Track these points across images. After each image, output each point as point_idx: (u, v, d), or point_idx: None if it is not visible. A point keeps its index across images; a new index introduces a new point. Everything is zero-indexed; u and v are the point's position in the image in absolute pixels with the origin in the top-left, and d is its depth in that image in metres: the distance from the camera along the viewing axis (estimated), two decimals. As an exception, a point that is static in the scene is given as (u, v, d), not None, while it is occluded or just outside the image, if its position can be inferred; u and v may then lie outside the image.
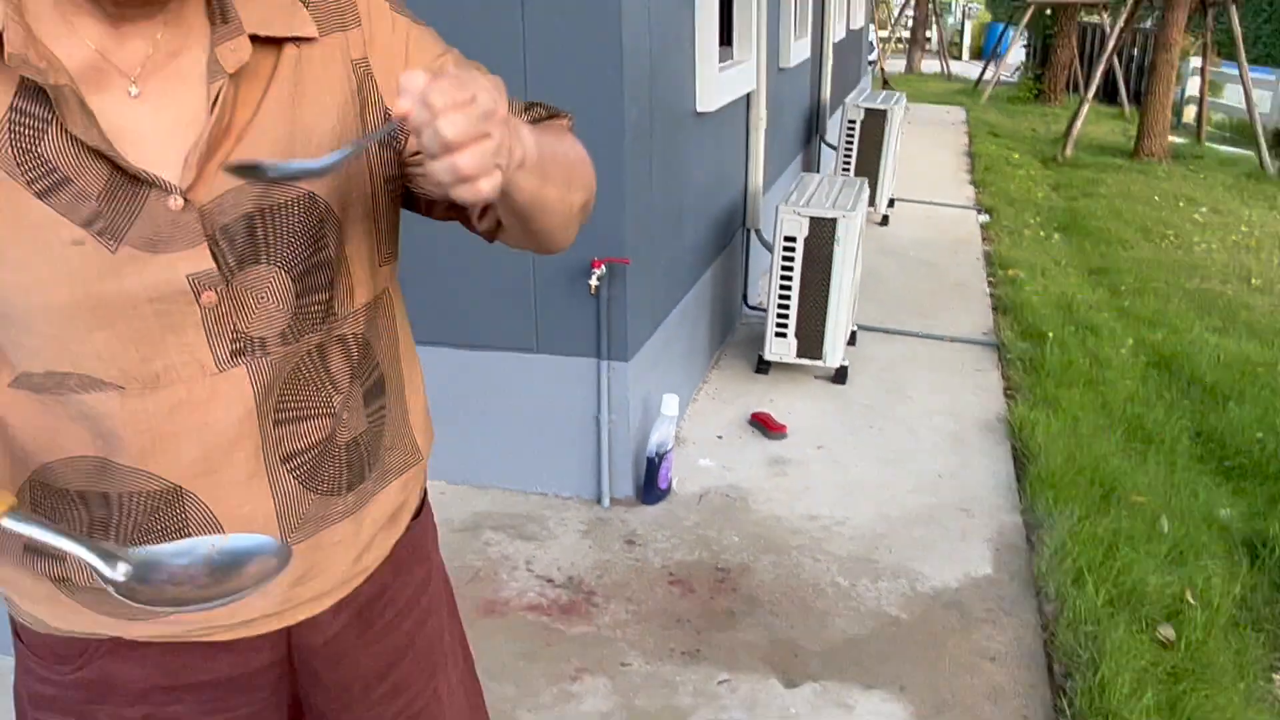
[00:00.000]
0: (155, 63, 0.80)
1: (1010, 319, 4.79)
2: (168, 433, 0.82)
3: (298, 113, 0.85)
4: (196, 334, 0.81)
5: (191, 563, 0.75)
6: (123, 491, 0.84)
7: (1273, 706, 2.32)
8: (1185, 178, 9.22)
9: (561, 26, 2.72)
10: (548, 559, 2.78)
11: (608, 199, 2.87)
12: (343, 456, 0.92)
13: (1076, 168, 9.38)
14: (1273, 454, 3.54)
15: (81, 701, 0.91)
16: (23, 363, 0.81)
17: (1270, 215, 7.93)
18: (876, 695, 2.28)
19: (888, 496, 3.16)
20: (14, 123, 0.75)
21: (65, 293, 0.76)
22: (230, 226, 0.80)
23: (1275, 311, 5.34)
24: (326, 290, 0.88)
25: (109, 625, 0.88)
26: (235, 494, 0.86)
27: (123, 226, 0.77)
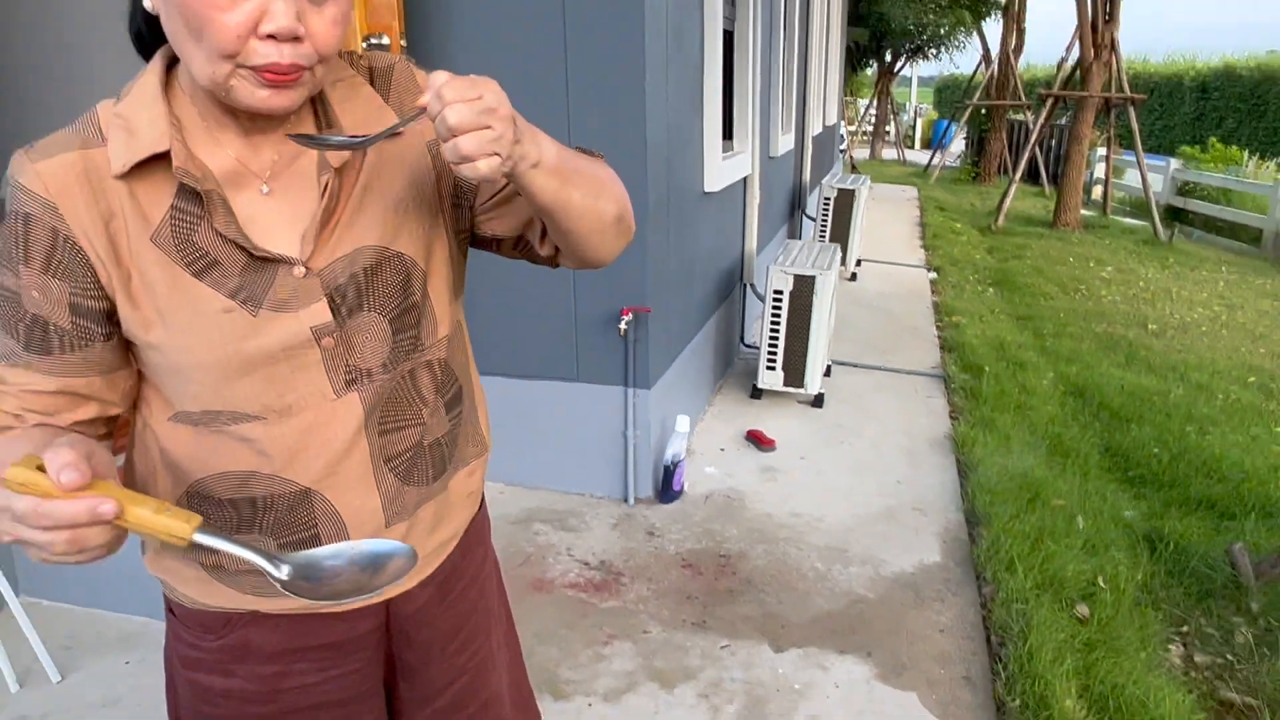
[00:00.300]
0: (280, 166, 0.82)
1: (954, 356, 4.79)
2: (300, 448, 0.84)
3: (387, 189, 0.86)
4: (318, 371, 0.83)
5: (341, 563, 0.76)
6: (266, 495, 0.85)
7: (1169, 672, 2.29)
8: (1094, 244, 9.23)
9: (598, 124, 2.75)
10: (584, 546, 2.78)
11: (633, 261, 2.89)
12: (430, 455, 0.93)
13: (1007, 235, 9.40)
14: (1167, 466, 3.53)
15: (225, 662, 0.91)
16: (182, 404, 0.82)
17: (1162, 274, 7.92)
18: (848, 659, 2.27)
19: (856, 498, 3.16)
20: (175, 219, 0.77)
21: (219, 351, 0.78)
22: (342, 285, 0.82)
23: (1167, 351, 5.33)
24: (415, 327, 0.89)
25: (250, 602, 0.89)
26: (351, 491, 0.87)
27: (260, 295, 0.79)
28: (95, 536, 0.64)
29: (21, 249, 0.75)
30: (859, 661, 2.25)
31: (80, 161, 0.75)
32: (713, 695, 2.11)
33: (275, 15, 0.68)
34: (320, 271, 0.81)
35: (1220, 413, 4.19)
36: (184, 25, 0.70)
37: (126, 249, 0.77)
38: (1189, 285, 7.50)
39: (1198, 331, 5.92)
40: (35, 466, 0.63)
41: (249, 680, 0.91)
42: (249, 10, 0.68)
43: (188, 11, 0.68)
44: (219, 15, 0.67)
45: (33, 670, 2.15)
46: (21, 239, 0.74)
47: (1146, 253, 8.94)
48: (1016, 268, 7.60)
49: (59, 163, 0.75)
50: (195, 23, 0.68)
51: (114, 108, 0.77)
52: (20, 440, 0.76)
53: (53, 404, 0.79)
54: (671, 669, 2.20)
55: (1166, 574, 2.76)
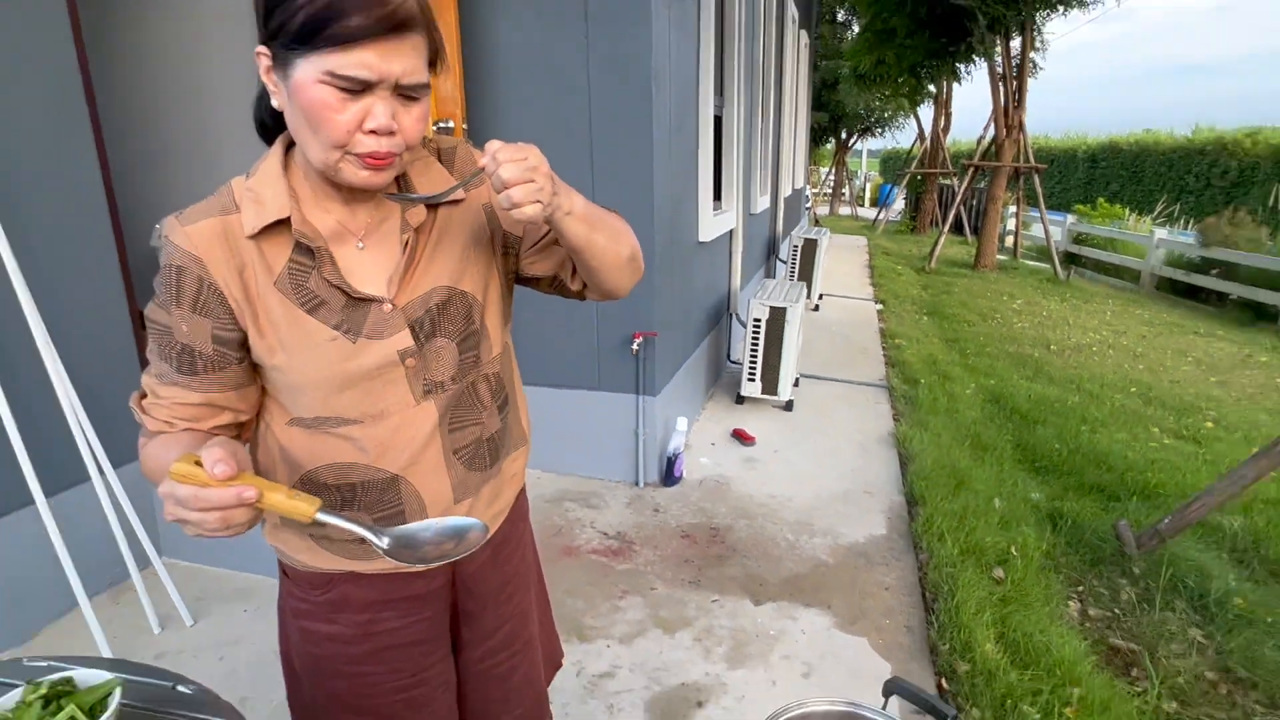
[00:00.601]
0: (371, 226, 0.84)
1: (896, 370, 4.77)
2: (389, 444, 0.85)
3: (454, 242, 0.88)
4: (403, 384, 0.84)
5: (431, 535, 0.77)
6: (363, 481, 0.86)
7: (1068, 623, 2.27)
8: (1007, 282, 9.20)
9: (617, 191, 2.78)
10: (604, 521, 2.78)
11: (643, 296, 2.91)
12: (487, 446, 0.94)
13: (938, 275, 9.37)
14: (1065, 458, 3.51)
15: (328, 611, 0.92)
16: (298, 412, 0.84)
17: (1061, 306, 7.89)
18: (813, 610, 2.26)
19: (819, 483, 3.15)
20: (292, 269, 0.80)
21: (326, 371, 0.80)
22: (420, 318, 0.84)
23: (1065, 367, 5.31)
24: (476, 349, 0.90)
25: (348, 565, 0.90)
26: (429, 477, 0.88)
27: (358, 326, 0.81)
28: (239, 516, 0.66)
29: (174, 293, 0.77)
30: (821, 613, 2.24)
31: (220, 225, 0.78)
32: (705, 639, 2.11)
33: (376, 115, 0.71)
34: (403, 307, 0.83)
35: (1108, 416, 4.18)
36: (305, 121, 0.72)
37: (255, 292, 0.79)
38: (1082, 315, 7.49)
39: (1090, 351, 5.90)
40: (193, 462, 0.66)
41: (347, 626, 0.92)
42: (356, 111, 0.70)
43: (309, 112, 0.71)
44: (334, 115, 0.70)
45: (171, 616, 2.16)
46: (174, 285, 0.77)
47: (1049, 289, 8.93)
48: (946, 300, 7.59)
49: (204, 226, 0.77)
50: (314, 120, 0.71)
51: (245, 183, 0.80)
52: (172, 442, 0.79)
53: (197, 413, 0.81)
54: (673, 618, 2.20)
55: (1066, 545, 2.75)
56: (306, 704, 0.96)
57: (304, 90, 0.69)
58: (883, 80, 11.75)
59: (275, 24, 0.69)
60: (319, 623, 0.92)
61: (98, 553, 2.20)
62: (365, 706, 0.93)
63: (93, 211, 2.24)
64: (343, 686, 0.93)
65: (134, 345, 2.38)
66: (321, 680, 0.94)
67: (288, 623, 0.96)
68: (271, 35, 0.70)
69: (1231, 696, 1.99)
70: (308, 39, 0.67)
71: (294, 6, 0.67)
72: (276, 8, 0.69)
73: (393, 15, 0.68)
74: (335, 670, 0.93)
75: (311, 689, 0.95)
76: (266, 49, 0.72)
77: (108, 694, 0.82)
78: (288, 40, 0.69)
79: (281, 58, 0.71)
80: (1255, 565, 2.65)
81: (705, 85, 3.47)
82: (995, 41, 9.08)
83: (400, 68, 0.70)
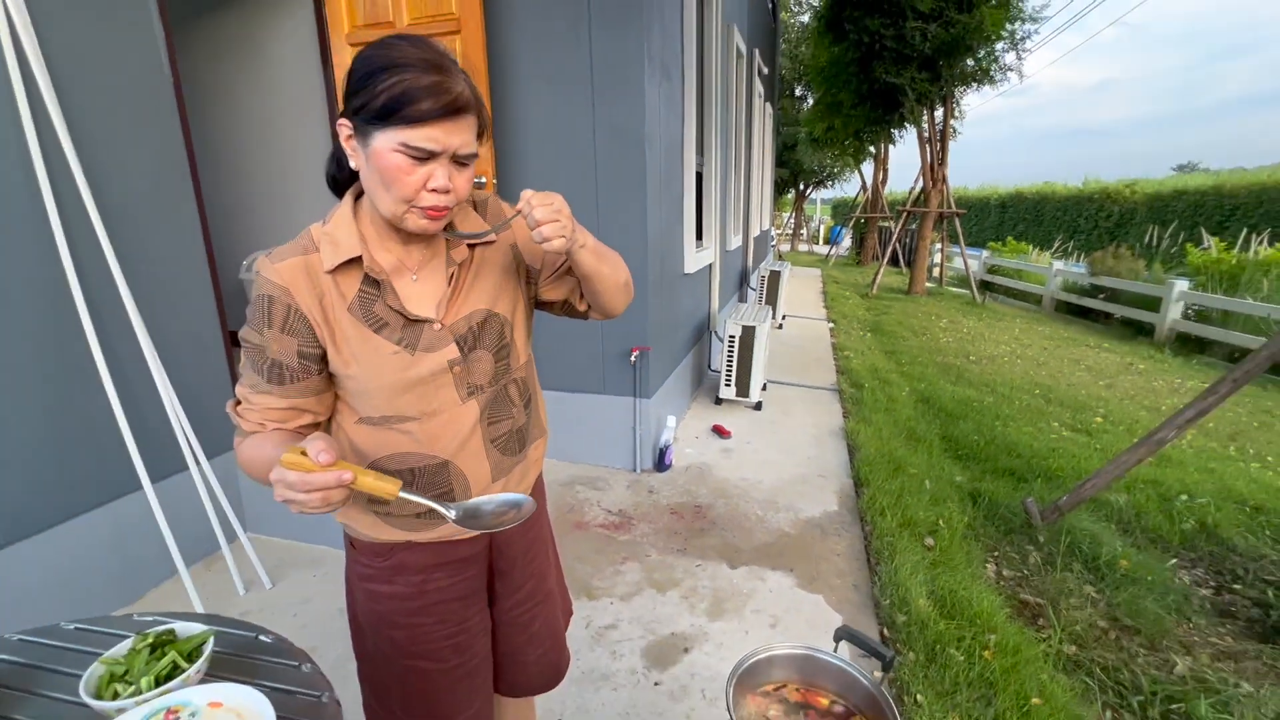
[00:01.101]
0: (423, 261, 0.86)
1: (845, 377, 4.77)
2: (441, 435, 0.86)
3: (489, 274, 0.90)
4: (451, 388, 0.85)
5: (493, 507, 0.78)
6: (420, 465, 0.86)
7: (986, 582, 2.27)
8: (935, 305, 9.20)
9: (617, 234, 2.78)
10: (608, 500, 2.76)
11: (639, 316, 2.92)
12: (517, 436, 0.95)
13: (878, 300, 9.38)
14: (983, 448, 3.51)
15: (389, 574, 0.92)
16: (366, 412, 0.85)
17: (979, 324, 7.89)
18: (779, 573, 2.25)
19: (783, 468, 3.14)
20: (362, 297, 0.81)
21: (391, 378, 0.81)
22: (463, 334, 0.85)
23: (982, 373, 5.30)
24: (507, 358, 0.91)
25: (406, 535, 0.90)
26: (472, 461, 0.89)
27: (415, 342, 0.82)
28: (337, 495, 0.68)
29: (266, 318, 0.78)
30: (785, 575, 2.24)
31: (303, 263, 0.79)
32: (691, 597, 2.10)
33: (437, 178, 0.74)
34: (450, 326, 0.84)
35: (1017, 413, 4.17)
36: (380, 181, 0.74)
37: (333, 316, 0.80)
38: (996, 331, 7.49)
39: (1001, 361, 5.91)
40: (299, 453, 0.67)
41: (404, 586, 0.92)
42: (422, 174, 0.73)
43: (384, 173, 0.74)
44: (405, 177, 0.73)
45: (254, 581, 2.15)
46: (266, 312, 0.78)
47: (968, 310, 8.94)
48: (885, 320, 7.60)
49: (291, 263, 0.79)
50: (388, 180, 0.73)
51: (323, 229, 0.81)
52: (265, 439, 0.79)
53: (284, 416, 0.82)
54: (664, 580, 2.19)
55: (984, 518, 2.74)
56: (370, 653, 0.96)
57: (381, 156, 0.72)
58: (832, 143, 11.82)
59: (358, 103, 0.72)
60: (381, 584, 0.92)
61: (194, 529, 2.19)
62: (419, 651, 0.93)
63: (192, 250, 2.25)
64: (401, 635, 0.93)
65: (225, 358, 2.38)
66: (383, 630, 0.93)
67: (354, 585, 0.96)
68: (354, 111, 0.73)
69: (1119, 641, 1.98)
70: (386, 117, 0.70)
71: (376, 90, 0.70)
72: (361, 90, 0.72)
73: (454, 102, 0.71)
74: (394, 622, 0.93)
75: (375, 639, 0.95)
76: (349, 121, 0.74)
77: (203, 642, 0.82)
78: (369, 117, 0.71)
79: (362, 130, 0.73)
80: (1136, 533, 2.66)
81: (688, 147, 3.50)
82: (922, 112, 9.16)
83: (458, 141, 0.73)
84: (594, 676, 1.74)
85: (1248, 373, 2.21)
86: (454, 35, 2.69)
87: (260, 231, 3.58)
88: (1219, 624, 2.08)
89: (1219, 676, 1.80)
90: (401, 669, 0.93)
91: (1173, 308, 7.32)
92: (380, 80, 0.70)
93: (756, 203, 7.71)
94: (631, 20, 2.59)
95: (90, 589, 1.92)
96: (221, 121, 3.50)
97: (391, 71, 0.70)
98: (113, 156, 1.97)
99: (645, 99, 2.64)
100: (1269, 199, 12.57)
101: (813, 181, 20.38)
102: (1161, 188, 14.97)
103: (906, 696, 1.66)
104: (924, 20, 8.02)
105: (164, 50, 2.11)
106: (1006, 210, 19.88)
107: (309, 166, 3.38)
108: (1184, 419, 2.31)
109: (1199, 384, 5.41)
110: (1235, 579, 2.34)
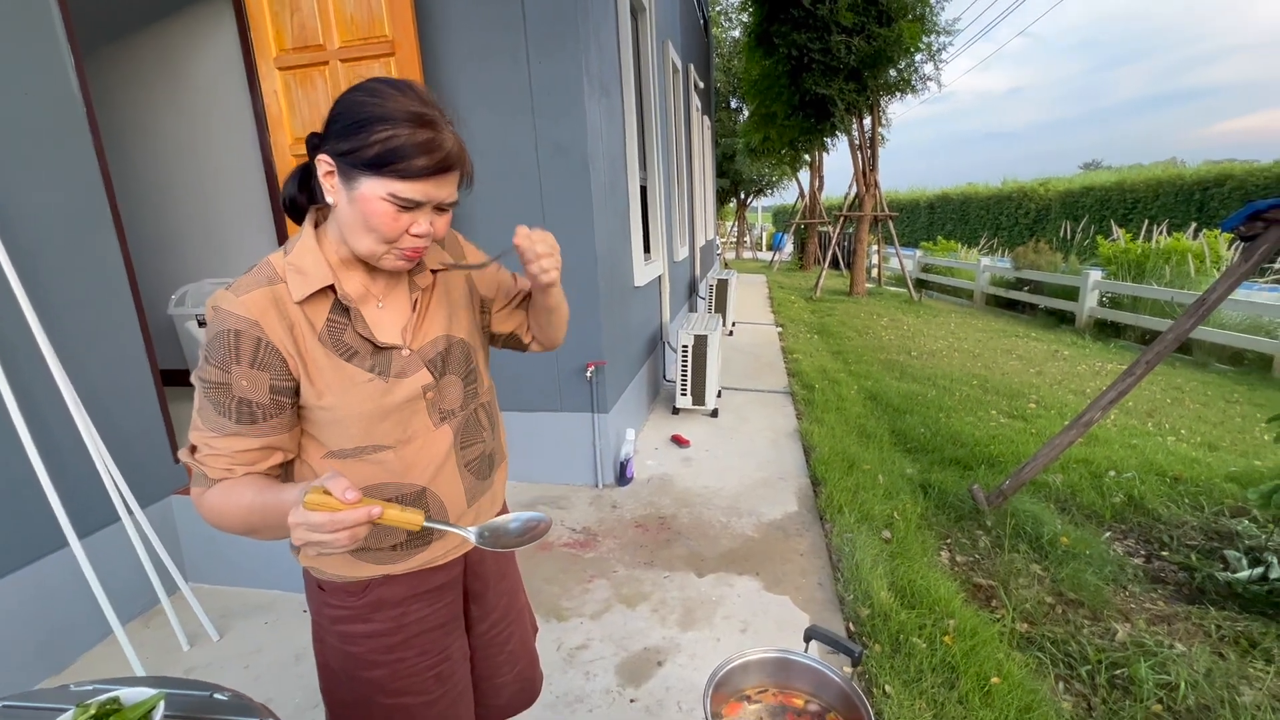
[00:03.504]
0: (389, 289, 0.86)
1: (796, 379, 4.87)
2: (416, 461, 0.85)
3: (447, 300, 0.91)
4: (424, 413, 0.85)
5: (515, 526, 0.78)
6: (396, 495, 0.85)
7: (941, 569, 2.34)
8: (875, 304, 9.52)
9: (564, 247, 2.78)
10: (572, 518, 2.74)
11: (593, 331, 2.92)
12: (487, 460, 0.95)
13: (822, 302, 9.64)
14: (929, 439, 3.62)
15: (366, 613, 0.89)
16: (339, 444, 0.82)
17: (917, 320, 8.19)
18: (745, 577, 2.27)
19: (742, 473, 3.17)
20: (330, 325, 0.80)
21: (367, 406, 0.80)
22: (433, 359, 0.86)
23: (923, 368, 5.48)
24: (475, 383, 0.93)
25: (381, 569, 0.88)
26: (448, 487, 0.88)
27: (387, 368, 0.82)
28: (362, 532, 0.66)
29: (233, 353, 0.74)
30: (752, 579, 2.25)
31: (270, 294, 0.76)
32: (660, 609, 2.10)
33: (420, 224, 0.76)
34: (417, 350, 0.84)
35: (958, 404, 4.33)
36: (362, 223, 0.75)
37: (304, 346, 0.78)
38: (933, 327, 7.77)
39: (940, 355, 6.12)
40: (321, 492, 0.65)
41: (383, 622, 0.89)
42: (406, 220, 0.75)
43: (369, 217, 0.74)
44: (390, 222, 0.75)
45: (199, 634, 2.02)
46: (233, 347, 0.74)
47: (906, 308, 9.27)
48: (830, 321, 7.80)
49: (256, 295, 0.76)
50: (372, 224, 0.75)
51: (285, 259, 0.79)
52: (234, 487, 0.75)
53: (255, 457, 0.78)
54: (633, 594, 2.18)
55: (935, 507, 2.83)
56: (348, 699, 0.92)
57: (367, 202, 0.73)
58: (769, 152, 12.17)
59: (347, 146, 0.72)
60: (356, 624, 0.89)
61: (129, 583, 2.04)
62: (402, 687, 0.91)
63: (114, 286, 2.11)
64: (383, 674, 0.90)
65: (155, 399, 2.24)
66: (361, 673, 0.90)
67: (325, 631, 0.92)
68: (341, 153, 0.73)
69: (1065, 615, 2.09)
70: (377, 167, 0.71)
71: (368, 141, 0.71)
72: (350, 136, 0.72)
73: (445, 160, 0.73)
74: (374, 662, 0.90)
75: (351, 685, 0.91)
76: (331, 160, 0.74)
77: (152, 708, 0.77)
78: (358, 163, 0.72)
79: (347, 172, 0.73)
80: (1073, 511, 2.80)
81: (631, 162, 3.54)
82: (852, 120, 9.55)
83: (444, 194, 0.76)
84: (568, 700, 1.71)
85: (1159, 354, 2.38)
86: (388, 58, 2.65)
87: (189, 263, 3.40)
88: (1151, 590, 2.23)
89: (1155, 640, 1.92)
90: (385, 710, 0.90)
91: (1089, 296, 7.83)
92: (373, 131, 0.70)
93: (700, 213, 7.84)
94: (568, 38, 2.61)
95: (13, 660, 1.77)
96: (143, 149, 3.32)
97: (385, 124, 0.70)
98: (19, 190, 1.84)
99: (586, 116, 2.66)
100: (1164, 192, 13.67)
101: (753, 190, 20.88)
102: (1072, 185, 16.08)
103: (875, 688, 1.70)
104: (847, 34, 8.39)
105: (73, 74, 2.00)
106: (935, 211, 20.89)
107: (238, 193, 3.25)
108: (1107, 400, 2.47)
109: (1118, 366, 5.79)
110: (1162, 546, 2.50)
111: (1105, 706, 1.70)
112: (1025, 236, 16.04)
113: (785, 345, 6.21)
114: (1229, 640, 1.94)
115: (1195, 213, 12.87)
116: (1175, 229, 10.09)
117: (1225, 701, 1.68)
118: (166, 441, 2.27)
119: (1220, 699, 1.69)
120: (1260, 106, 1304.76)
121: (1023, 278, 9.33)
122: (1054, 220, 15.87)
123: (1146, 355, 2.40)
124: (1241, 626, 1.99)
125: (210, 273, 3.37)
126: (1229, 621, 2.02)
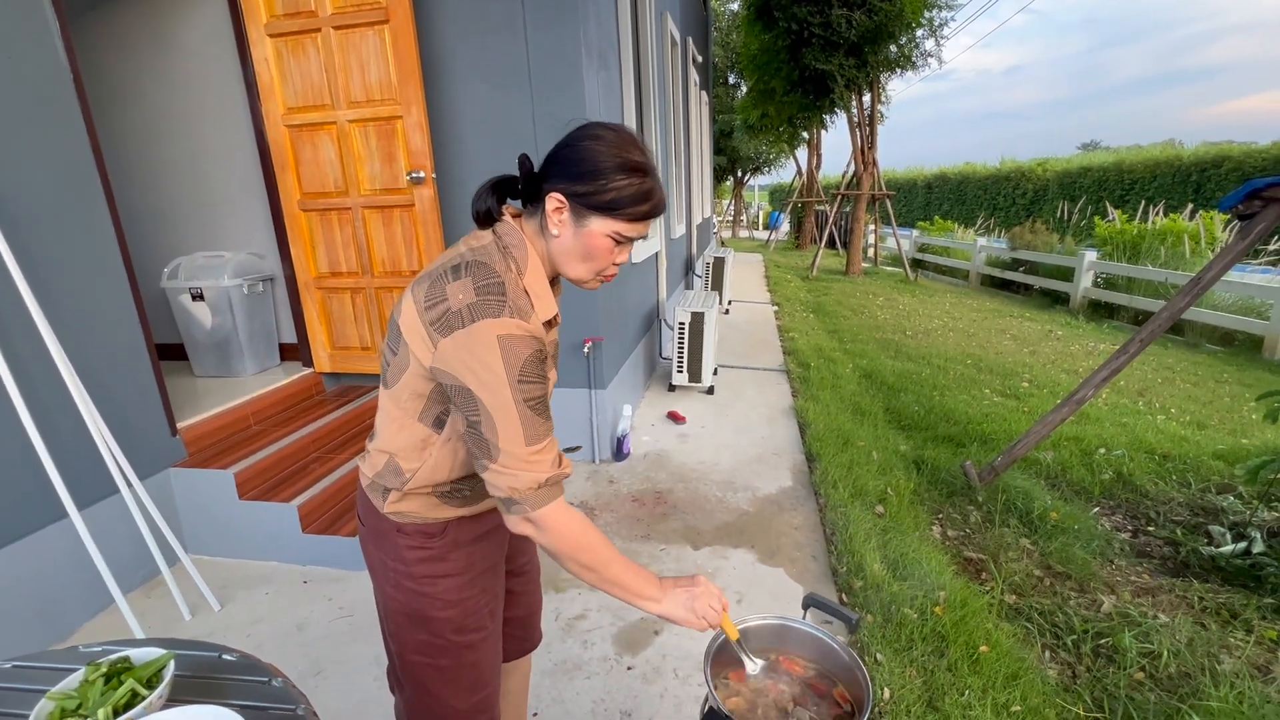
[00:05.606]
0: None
1: (792, 357, 4.88)
2: None
3: None
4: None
5: None
6: None
7: (933, 543, 2.38)
8: (871, 284, 9.50)
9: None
10: (569, 493, 2.76)
11: (590, 309, 2.91)
12: None
13: (818, 281, 9.62)
14: (923, 417, 3.65)
15: (444, 551, 0.96)
16: None
17: (912, 300, 8.20)
18: (740, 550, 2.30)
19: (738, 449, 3.19)
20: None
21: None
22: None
23: (918, 347, 5.50)
24: None
25: (457, 513, 0.96)
26: None
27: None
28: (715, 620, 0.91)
29: (542, 365, 0.83)
30: (747, 552, 2.29)
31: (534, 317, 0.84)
32: (657, 580, 2.12)
33: (624, 254, 0.89)
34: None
35: (952, 382, 4.36)
36: (583, 253, 0.86)
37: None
38: (929, 306, 7.79)
39: (935, 334, 6.15)
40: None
41: (456, 560, 0.96)
42: (616, 252, 0.87)
43: (592, 251, 0.86)
44: (606, 256, 0.87)
45: (200, 604, 2.04)
46: (539, 360, 0.82)
47: (902, 288, 9.28)
48: (826, 300, 7.80)
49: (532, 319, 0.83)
50: (593, 256, 0.86)
51: (522, 282, 0.85)
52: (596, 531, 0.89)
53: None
54: (630, 566, 2.20)
55: (927, 483, 2.86)
56: (417, 642, 0.97)
57: (593, 238, 0.84)
58: (767, 129, 12.04)
59: (583, 189, 0.82)
60: (433, 562, 0.95)
61: (130, 554, 2.06)
62: (470, 624, 0.98)
63: (107, 259, 2.09)
64: (454, 614, 0.96)
65: (151, 371, 2.24)
66: (435, 612, 0.96)
67: (399, 575, 0.96)
68: (575, 194, 0.83)
69: (1053, 587, 2.13)
70: (610, 210, 0.83)
71: (606, 188, 0.82)
72: (589, 180, 0.82)
73: (659, 207, 0.85)
74: (447, 601, 0.96)
75: (425, 624, 0.96)
76: (563, 199, 0.83)
77: (162, 666, 0.78)
78: (593, 205, 0.82)
79: (579, 211, 0.83)
80: (1063, 487, 2.85)
81: (629, 136, 3.49)
82: (851, 97, 9.44)
83: (647, 231, 0.89)
84: (567, 667, 1.74)
85: (1151, 333, 2.40)
86: (382, 25, 2.59)
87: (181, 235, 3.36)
88: (1137, 563, 2.28)
89: (1139, 611, 1.97)
90: (455, 647, 0.97)
91: (1084, 277, 7.86)
92: (610, 179, 0.82)
93: (697, 190, 7.78)
94: (567, 9, 2.56)
95: (16, 628, 1.78)
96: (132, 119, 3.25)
97: (620, 175, 0.82)
98: (8, 162, 1.81)
99: (584, 88, 2.62)
100: (1161, 174, 13.63)
101: (750, 168, 20.68)
102: (1069, 165, 16.00)
103: (867, 656, 1.74)
104: (849, 8, 8.25)
105: (60, 43, 1.95)
106: (932, 190, 20.80)
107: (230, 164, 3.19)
108: (1099, 379, 2.50)
109: (1110, 346, 5.84)
110: (1149, 522, 2.55)
111: (1090, 674, 1.75)
112: (1022, 217, 16.02)
113: (781, 324, 6.22)
114: (1211, 611, 1.99)
115: (1192, 194, 12.86)
116: (1172, 210, 10.08)
117: (1206, 669, 1.73)
118: (163, 415, 2.26)
119: (1201, 666, 1.74)
120: (1260, 88, 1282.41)
121: (1018, 258, 9.33)
122: (1051, 201, 15.83)
123: (1140, 334, 2.42)
124: (1223, 598, 2.04)
125: (202, 245, 3.32)
126: (1211, 594, 2.07)
